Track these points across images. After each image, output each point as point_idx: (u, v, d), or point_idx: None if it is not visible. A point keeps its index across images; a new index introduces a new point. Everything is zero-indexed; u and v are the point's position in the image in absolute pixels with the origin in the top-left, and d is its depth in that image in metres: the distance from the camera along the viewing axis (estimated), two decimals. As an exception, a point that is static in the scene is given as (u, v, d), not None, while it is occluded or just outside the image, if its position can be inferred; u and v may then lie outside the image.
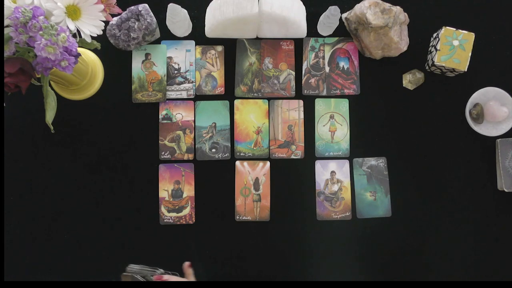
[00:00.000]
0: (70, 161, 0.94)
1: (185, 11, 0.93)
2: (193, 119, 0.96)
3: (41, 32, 0.66)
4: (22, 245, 0.93)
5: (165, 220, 0.94)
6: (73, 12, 0.73)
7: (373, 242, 0.94)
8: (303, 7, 0.94)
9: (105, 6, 0.77)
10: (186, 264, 0.81)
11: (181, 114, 0.96)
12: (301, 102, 0.97)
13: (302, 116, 0.97)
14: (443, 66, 0.92)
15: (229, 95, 0.97)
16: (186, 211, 0.94)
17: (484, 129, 0.95)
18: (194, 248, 0.93)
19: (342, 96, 0.98)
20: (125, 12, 0.92)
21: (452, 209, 0.95)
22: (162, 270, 0.77)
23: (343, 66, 0.98)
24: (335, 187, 0.95)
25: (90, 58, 0.95)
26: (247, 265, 0.93)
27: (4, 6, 0.67)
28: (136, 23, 0.91)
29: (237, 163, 0.95)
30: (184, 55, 0.98)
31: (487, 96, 0.95)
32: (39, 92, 0.78)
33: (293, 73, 0.98)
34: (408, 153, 0.96)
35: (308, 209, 0.95)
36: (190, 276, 0.80)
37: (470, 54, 0.92)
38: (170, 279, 0.75)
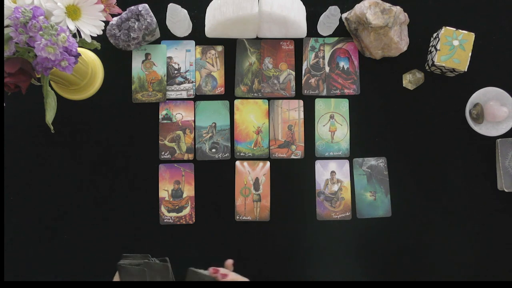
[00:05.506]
0: (70, 161, 0.94)
1: (185, 11, 0.93)
2: (193, 119, 0.96)
3: (41, 32, 0.66)
4: (22, 245, 0.93)
5: (165, 220, 0.94)
6: (73, 12, 0.73)
7: (373, 242, 0.94)
8: (303, 7, 0.94)
9: (105, 6, 0.77)
10: (230, 262, 0.79)
11: (181, 114, 0.96)
12: (301, 102, 0.97)
13: (302, 116, 0.97)
14: (443, 66, 0.92)
15: (229, 95, 0.97)
16: (186, 211, 0.94)
17: (484, 129, 0.95)
18: (194, 248, 0.93)
19: (342, 96, 0.98)
20: (125, 12, 0.92)
21: (452, 209, 0.95)
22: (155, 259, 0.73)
23: (343, 66, 0.98)
24: (335, 187, 0.95)
25: (90, 58, 0.95)
26: (247, 265, 0.93)
27: (4, 6, 0.67)
28: (136, 23, 0.91)
29: (237, 163, 0.95)
30: (184, 55, 0.98)
31: (487, 96, 0.95)
32: (39, 92, 0.78)
33: (293, 73, 0.98)
34: (408, 153, 0.96)
35: (308, 209, 0.95)
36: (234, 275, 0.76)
37: (470, 54, 0.92)
38: (237, 279, 0.72)
